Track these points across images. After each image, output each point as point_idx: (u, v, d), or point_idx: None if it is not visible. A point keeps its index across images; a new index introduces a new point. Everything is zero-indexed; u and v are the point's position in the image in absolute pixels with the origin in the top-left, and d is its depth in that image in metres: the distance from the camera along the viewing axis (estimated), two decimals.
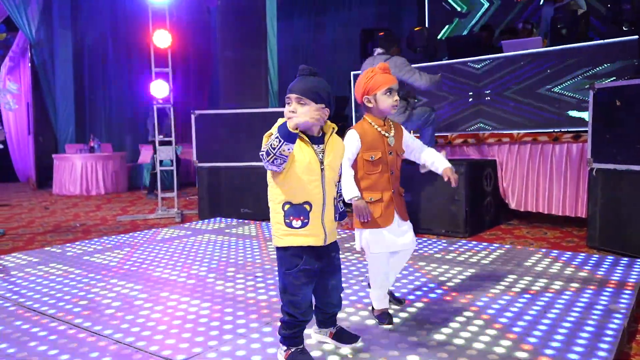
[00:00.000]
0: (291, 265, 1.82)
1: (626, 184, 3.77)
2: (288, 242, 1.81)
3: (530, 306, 2.55)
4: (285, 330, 1.89)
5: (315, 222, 1.82)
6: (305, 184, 1.79)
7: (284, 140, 1.66)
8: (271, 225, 1.87)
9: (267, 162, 1.71)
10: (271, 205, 1.85)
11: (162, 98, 6.15)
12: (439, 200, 4.75)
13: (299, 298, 1.83)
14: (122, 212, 6.83)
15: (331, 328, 2.09)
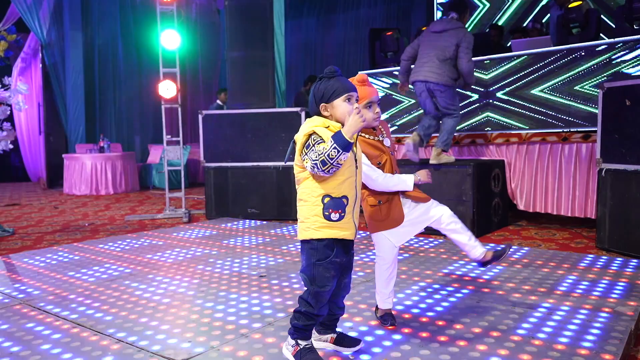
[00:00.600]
0: (324, 256, 1.85)
1: (636, 185, 3.72)
2: (324, 234, 1.84)
3: (537, 308, 2.52)
4: (299, 321, 1.90)
5: (349, 217, 1.87)
6: (345, 179, 1.85)
7: (342, 151, 1.71)
8: (303, 218, 1.88)
9: (322, 171, 1.75)
10: (307, 199, 1.86)
11: (169, 98, 6.17)
12: (446, 201, 4.68)
13: (325, 290, 1.86)
14: (131, 211, 6.87)
15: (332, 334, 2.09)
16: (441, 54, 4.58)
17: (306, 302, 1.88)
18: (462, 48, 4.53)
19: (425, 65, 4.65)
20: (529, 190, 5.07)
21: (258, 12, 5.97)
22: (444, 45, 4.57)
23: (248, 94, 5.98)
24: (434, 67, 4.59)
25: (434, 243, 4.12)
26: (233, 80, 6.10)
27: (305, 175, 1.86)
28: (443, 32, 4.64)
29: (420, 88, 4.73)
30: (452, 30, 4.59)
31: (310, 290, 1.87)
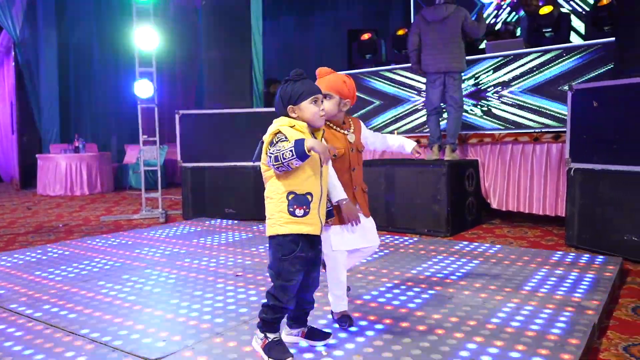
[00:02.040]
0: (289, 251, 1.91)
1: (603, 184, 3.83)
2: (289, 229, 1.90)
3: (506, 303, 2.59)
4: (267, 315, 1.96)
5: (314, 213, 1.93)
6: (309, 176, 1.91)
7: (296, 157, 1.78)
8: (269, 215, 1.95)
9: (273, 166, 1.85)
10: (272, 196, 1.93)
11: (146, 98, 6.12)
12: (421, 200, 4.79)
13: (291, 284, 1.92)
14: (106, 212, 6.80)
15: (303, 327, 2.13)
16: (452, 42, 4.92)
17: (273, 296, 1.94)
18: (468, 25, 4.90)
19: (439, 55, 4.95)
20: (502, 190, 5.18)
21: (235, 12, 5.97)
22: (452, 31, 4.91)
23: (225, 94, 5.96)
24: (451, 55, 4.93)
25: (415, 242, 4.18)
26: (210, 81, 6.08)
27: (271, 173, 1.93)
28: (445, 20, 4.92)
29: (436, 77, 5.03)
30: (452, 15, 4.90)
31: (277, 285, 1.94)
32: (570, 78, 5.00)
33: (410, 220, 4.88)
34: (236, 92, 5.99)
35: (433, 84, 5.07)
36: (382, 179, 4.96)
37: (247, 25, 6.04)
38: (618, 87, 3.74)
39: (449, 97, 5.01)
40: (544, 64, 5.19)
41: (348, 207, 2.21)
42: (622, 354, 2.15)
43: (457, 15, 4.90)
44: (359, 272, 3.20)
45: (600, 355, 2.14)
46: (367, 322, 2.37)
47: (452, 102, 5.01)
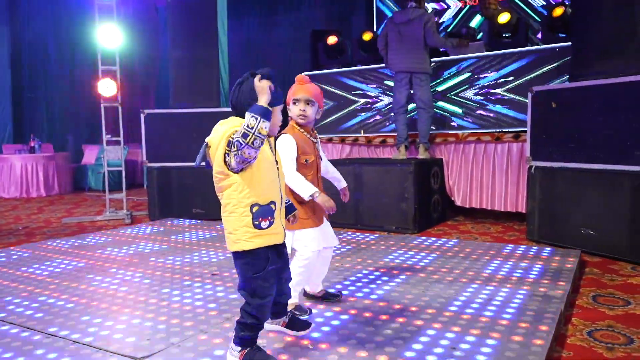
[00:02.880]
0: (259, 268, 1.82)
1: (561, 181, 4.05)
2: (256, 244, 1.80)
3: (477, 295, 2.71)
4: (245, 332, 1.87)
5: (277, 222, 1.86)
6: (269, 183, 1.83)
7: (261, 117, 1.66)
8: (232, 230, 1.82)
9: (247, 146, 1.66)
10: (233, 210, 1.79)
11: (109, 97, 6.00)
12: (389, 198, 4.90)
13: (267, 300, 1.86)
14: (67, 214, 6.61)
15: (284, 318, 2.16)
16: (415, 43, 5.10)
17: (252, 316, 1.85)
18: (427, 29, 5.06)
19: (404, 55, 5.13)
20: (465, 187, 5.37)
21: (201, 11, 5.93)
22: (416, 34, 5.08)
23: (192, 93, 5.92)
24: (415, 56, 5.11)
25: (384, 239, 4.28)
26: (176, 79, 6.02)
27: (229, 182, 1.78)
28: (410, 22, 5.10)
29: (403, 77, 5.20)
30: (417, 18, 5.07)
31: (254, 305, 1.84)
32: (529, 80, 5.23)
33: (378, 218, 4.99)
34: (203, 92, 5.95)
35: (400, 82, 5.23)
36: (350, 178, 5.05)
37: (213, 23, 6.02)
38: (574, 90, 3.96)
39: (417, 98, 5.17)
40: (503, 67, 5.41)
41: (323, 198, 2.32)
42: (587, 339, 2.30)
43: (421, 19, 5.09)
44: (334, 268, 3.27)
45: (568, 341, 2.29)
46: (348, 316, 2.44)
47: (421, 104, 5.18)
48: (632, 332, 2.37)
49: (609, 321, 2.51)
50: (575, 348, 2.21)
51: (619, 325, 2.45)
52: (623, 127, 3.57)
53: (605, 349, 2.19)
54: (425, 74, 5.19)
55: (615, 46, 3.76)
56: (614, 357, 2.12)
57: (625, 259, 3.58)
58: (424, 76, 5.17)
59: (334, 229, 2.62)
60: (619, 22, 3.72)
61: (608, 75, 3.71)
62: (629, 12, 3.64)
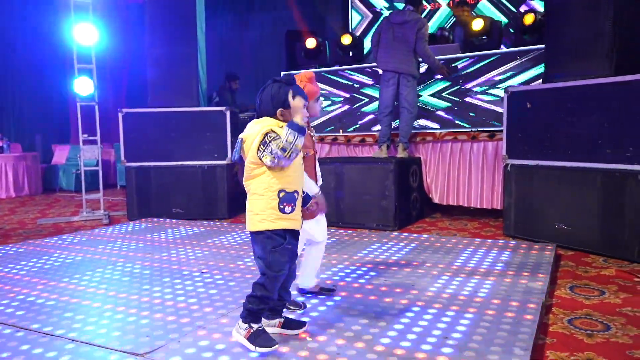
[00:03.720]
0: (278, 244, 2.01)
1: (536, 178, 4.21)
2: (279, 225, 2.00)
3: (463, 287, 2.82)
4: (253, 305, 2.03)
5: (298, 209, 2.07)
6: (296, 174, 2.05)
7: (298, 134, 1.92)
8: (258, 211, 2.01)
9: (284, 158, 1.92)
10: (262, 193, 2.00)
11: (86, 96, 5.91)
12: (370, 196, 5.00)
13: (280, 274, 2.03)
14: (41, 215, 6.48)
15: (279, 318, 2.23)
16: (405, 46, 5.18)
17: (262, 287, 2.03)
18: (418, 36, 5.13)
19: (395, 56, 5.21)
20: (443, 185, 5.51)
21: (181, 9, 5.90)
22: (408, 37, 5.16)
23: (171, 92, 5.89)
24: (404, 58, 5.18)
25: (368, 236, 4.37)
26: (154, 78, 5.98)
27: (261, 170, 2.00)
28: (404, 24, 5.18)
29: (390, 77, 5.28)
30: (412, 22, 5.15)
31: (268, 275, 2.03)
32: (504, 81, 5.41)
33: (359, 215, 5.08)
34: (182, 91, 5.93)
35: (387, 82, 5.31)
36: (331, 176, 5.12)
37: (192, 22, 5.99)
38: (547, 91, 4.13)
39: (402, 99, 5.26)
40: (478, 68, 5.57)
41: (323, 199, 2.42)
42: (568, 326, 2.43)
43: (415, 23, 5.15)
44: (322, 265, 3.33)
45: (550, 329, 2.41)
46: (341, 309, 2.51)
47: (405, 104, 5.25)
48: (608, 319, 2.52)
49: (587, 310, 2.65)
50: (557, 335, 2.34)
51: (596, 314, 2.60)
52: (593, 127, 3.75)
53: (585, 335, 2.33)
54: (413, 77, 5.28)
55: (585, 49, 3.94)
56: (593, 342, 2.25)
57: (597, 252, 3.77)
58: (411, 78, 5.26)
59: None
60: (587, 27, 3.91)
61: (579, 77, 3.89)
62: (597, 17, 3.83)
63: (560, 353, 2.15)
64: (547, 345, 2.23)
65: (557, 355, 2.13)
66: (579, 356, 2.12)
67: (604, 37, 3.78)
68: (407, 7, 5.33)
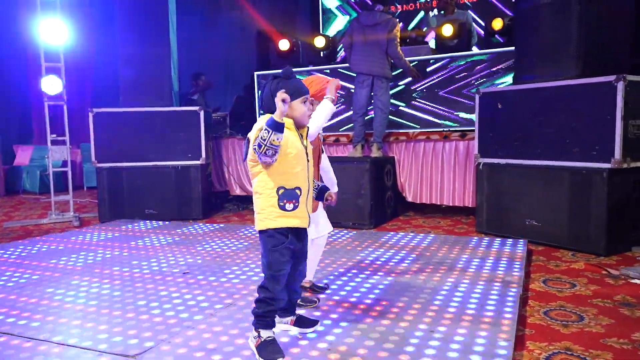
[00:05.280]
0: (278, 242, 2.00)
1: (506, 176, 4.36)
2: (280, 223, 1.99)
3: (443, 284, 2.90)
4: (260, 309, 2.01)
5: (302, 207, 2.04)
6: (297, 171, 2.01)
7: (272, 131, 1.84)
8: (260, 210, 2.02)
9: (260, 154, 1.89)
10: (262, 191, 2.00)
11: (54, 95, 5.77)
12: (346, 195, 5.05)
13: (280, 273, 2.01)
14: (7, 218, 6.28)
15: (292, 316, 2.25)
16: (378, 48, 5.23)
17: (264, 289, 2.01)
18: (389, 39, 5.19)
19: (367, 58, 5.26)
20: (416, 184, 5.62)
21: (152, 7, 5.82)
22: (379, 39, 5.20)
23: (143, 92, 5.80)
24: (377, 60, 5.24)
25: (345, 235, 4.42)
26: (126, 77, 5.87)
27: (259, 169, 2.00)
28: (375, 26, 5.23)
29: (364, 79, 5.33)
30: (383, 23, 5.21)
31: (267, 275, 2.02)
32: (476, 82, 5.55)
33: (336, 214, 5.11)
34: (155, 90, 5.84)
35: (361, 84, 5.37)
36: None
37: (165, 20, 5.92)
38: (517, 92, 4.28)
39: (376, 99, 5.35)
40: (450, 69, 5.71)
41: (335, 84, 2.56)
42: (544, 318, 2.54)
43: (386, 25, 5.22)
44: None
45: (528, 320, 2.52)
46: (337, 315, 2.55)
47: (379, 105, 5.34)
48: (581, 310, 2.65)
49: (560, 302, 2.78)
50: (535, 326, 2.44)
51: (570, 305, 2.72)
52: (562, 127, 3.91)
53: (561, 325, 2.44)
54: (386, 79, 5.36)
55: (553, 52, 4.09)
56: (569, 332, 2.36)
57: (566, 246, 3.93)
58: (385, 80, 5.34)
59: None
60: (556, 29, 4.06)
61: (548, 78, 4.05)
62: (565, 20, 3.99)
63: (539, 343, 2.25)
64: (526, 336, 2.33)
65: (537, 346, 2.23)
66: (557, 345, 2.22)
67: (572, 39, 3.94)
68: (377, 7, 5.39)
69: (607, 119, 3.61)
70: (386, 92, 5.38)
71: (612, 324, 2.46)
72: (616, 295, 2.88)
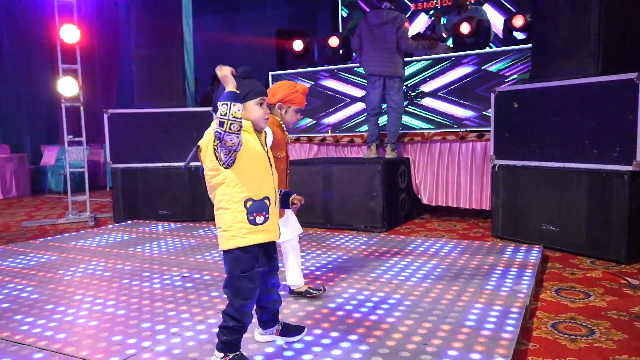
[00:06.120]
0: (249, 267, 1.80)
1: (523, 179, 4.18)
2: (250, 240, 1.79)
3: (446, 292, 2.77)
4: (228, 337, 1.84)
5: (273, 218, 1.86)
6: (262, 178, 1.83)
7: (231, 102, 1.65)
8: (226, 227, 1.80)
9: (225, 133, 1.65)
10: (227, 206, 1.79)
11: (71, 96, 5.84)
12: (358, 197, 4.95)
13: (249, 302, 1.83)
14: (27, 217, 6.40)
15: (277, 326, 2.11)
16: (388, 47, 5.12)
17: (233, 318, 1.82)
18: (399, 35, 5.10)
19: (377, 58, 5.17)
20: (432, 186, 5.47)
21: (166, 8, 5.84)
22: (389, 38, 5.10)
23: (157, 93, 5.82)
24: (387, 60, 5.13)
25: (354, 239, 4.31)
26: (141, 78, 5.90)
27: (221, 179, 1.78)
28: (383, 25, 5.12)
29: (375, 80, 5.24)
30: (390, 22, 5.10)
31: (235, 305, 1.82)
32: (492, 80, 5.37)
33: (347, 216, 5.03)
34: (169, 91, 5.86)
35: (373, 85, 5.28)
36: (319, 177, 5.08)
37: (178, 21, 5.93)
38: (534, 90, 4.09)
39: (389, 99, 5.23)
40: (466, 67, 5.53)
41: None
42: (552, 331, 2.39)
43: (394, 23, 5.12)
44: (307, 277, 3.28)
45: (534, 333, 2.37)
46: (329, 323, 2.46)
47: (392, 105, 5.23)
48: (592, 323, 2.48)
49: (571, 313, 2.61)
50: (540, 340, 2.29)
51: (581, 317, 2.56)
52: (580, 127, 3.72)
53: (568, 340, 2.29)
54: (399, 77, 5.24)
55: (572, 49, 3.90)
56: (577, 348, 2.21)
57: (584, 253, 3.73)
58: (397, 79, 5.23)
59: (304, 228, 2.78)
60: (575, 27, 3.87)
61: (566, 76, 3.86)
62: (584, 16, 3.79)
63: (542, 359, 2.10)
64: (529, 351, 2.19)
65: None
66: None
67: (591, 36, 3.74)
68: (384, 5, 5.26)
69: (629, 119, 3.41)
70: (399, 91, 5.25)
71: (624, 340, 2.29)
72: (633, 308, 2.69)
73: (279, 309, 2.12)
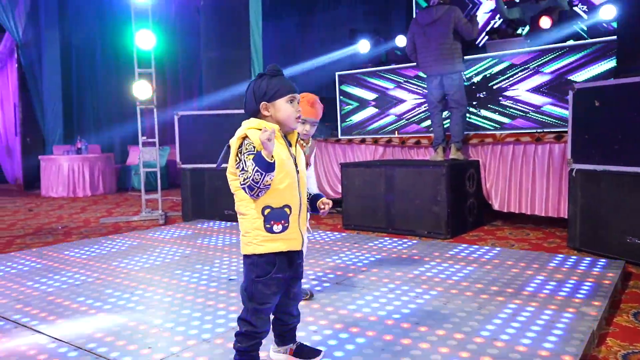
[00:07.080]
0: (263, 273, 1.75)
1: (604, 185, 3.75)
2: (267, 248, 1.74)
3: (502, 309, 2.52)
4: (242, 344, 1.79)
5: (294, 226, 1.78)
6: (285, 187, 1.75)
7: (265, 173, 1.64)
8: (244, 232, 1.78)
9: (252, 195, 1.69)
10: (246, 212, 1.76)
11: (145, 99, 6.10)
12: (421, 201, 4.72)
13: (264, 307, 1.77)
14: (107, 214, 6.78)
15: (291, 345, 1.98)
16: (442, 44, 4.87)
17: (246, 322, 1.77)
18: (460, 26, 4.82)
19: (432, 58, 4.94)
20: (504, 191, 5.10)
21: (234, 12, 5.94)
22: (443, 33, 4.85)
23: (224, 95, 5.93)
24: (443, 58, 4.88)
25: (407, 244, 4.11)
26: (209, 81, 6.05)
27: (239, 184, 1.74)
28: (436, 22, 4.88)
29: (434, 79, 5.04)
30: (443, 16, 4.84)
31: (249, 308, 1.77)
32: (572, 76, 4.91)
33: (410, 221, 4.81)
34: (236, 93, 5.94)
35: (431, 83, 5.07)
36: (381, 180, 4.91)
37: (245, 25, 6.01)
38: (619, 87, 3.66)
39: (449, 98, 4.97)
40: (545, 63, 5.11)
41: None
42: None
43: (449, 16, 4.83)
44: (344, 279, 3.14)
45: None
46: (349, 334, 2.31)
47: (453, 104, 4.97)
48: None
49: None
50: None
51: None
52: None
53: None
54: (457, 73, 4.96)
55: None
56: None
57: None
58: (456, 75, 4.95)
59: (366, 234, 2.66)
60: None
61: None
62: None
63: None
64: None
65: None
66: None
67: None
68: (432, 1, 5.00)
69: None
70: (459, 88, 4.96)
71: None
72: None
73: (296, 326, 1.99)
